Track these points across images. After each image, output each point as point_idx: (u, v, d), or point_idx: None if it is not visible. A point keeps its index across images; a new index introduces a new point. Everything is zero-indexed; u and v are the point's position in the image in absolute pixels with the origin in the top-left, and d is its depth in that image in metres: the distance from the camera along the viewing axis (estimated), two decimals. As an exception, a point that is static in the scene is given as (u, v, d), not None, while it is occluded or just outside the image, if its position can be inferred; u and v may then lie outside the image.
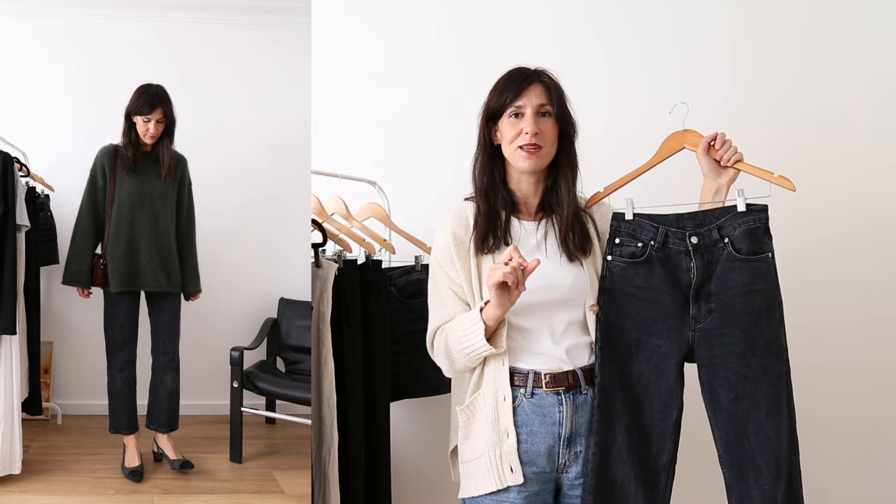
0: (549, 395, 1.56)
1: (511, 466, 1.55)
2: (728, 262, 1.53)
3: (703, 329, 1.55)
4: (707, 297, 1.55)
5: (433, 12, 2.60)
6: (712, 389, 1.55)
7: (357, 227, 2.26)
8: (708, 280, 1.55)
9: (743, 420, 1.53)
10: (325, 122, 2.57)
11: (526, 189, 1.65)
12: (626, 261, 1.59)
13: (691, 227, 1.57)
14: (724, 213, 1.56)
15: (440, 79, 2.56)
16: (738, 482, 1.54)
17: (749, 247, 1.53)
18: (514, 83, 1.60)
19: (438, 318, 1.62)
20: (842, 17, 2.55)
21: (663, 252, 1.57)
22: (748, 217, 1.54)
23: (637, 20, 2.57)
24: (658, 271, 1.57)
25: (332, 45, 2.60)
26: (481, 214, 1.61)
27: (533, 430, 1.56)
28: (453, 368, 1.61)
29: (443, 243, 1.63)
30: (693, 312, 1.56)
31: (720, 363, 1.54)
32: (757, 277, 1.53)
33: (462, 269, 1.60)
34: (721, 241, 1.54)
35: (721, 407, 1.54)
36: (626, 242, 1.59)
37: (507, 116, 1.60)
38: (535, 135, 1.56)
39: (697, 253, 1.55)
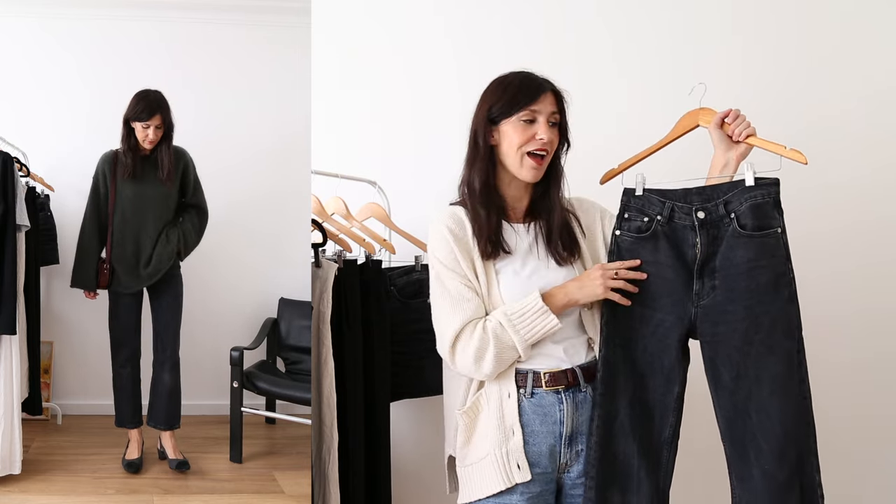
0: (549, 394, 1.56)
1: (518, 463, 1.54)
2: (733, 237, 1.51)
3: (707, 305, 1.53)
4: (711, 274, 1.53)
5: (432, 12, 2.60)
6: (714, 366, 1.54)
7: (357, 227, 2.26)
8: (713, 256, 1.53)
9: (745, 398, 1.51)
10: (325, 122, 2.57)
11: (515, 193, 1.65)
12: (633, 235, 1.58)
13: (698, 201, 1.54)
14: (732, 187, 1.53)
15: (440, 78, 2.56)
16: (739, 460, 1.53)
17: (755, 222, 1.49)
18: (530, 88, 1.58)
19: (460, 317, 1.55)
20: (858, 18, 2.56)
21: (669, 227, 1.56)
22: (756, 191, 1.50)
23: (648, 14, 2.57)
24: (663, 246, 1.56)
25: (332, 45, 2.60)
26: (484, 220, 1.59)
27: (534, 430, 1.56)
28: (499, 364, 1.54)
29: (443, 244, 1.59)
30: (697, 288, 1.54)
31: (722, 340, 1.52)
32: (763, 253, 1.49)
33: (467, 267, 1.58)
34: (727, 217, 1.52)
35: (723, 384, 1.53)
36: (634, 217, 1.59)
37: (517, 120, 1.57)
38: (548, 143, 1.56)
39: (703, 228, 1.53)
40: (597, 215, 1.70)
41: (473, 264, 1.59)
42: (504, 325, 1.52)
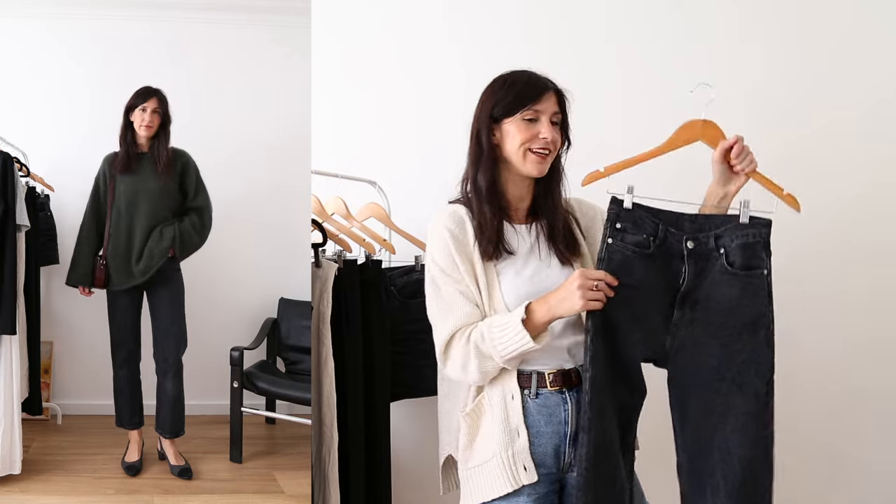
0: (554, 394, 1.56)
1: (525, 465, 1.53)
2: (720, 273, 1.49)
3: (683, 337, 1.51)
4: (693, 305, 1.51)
5: (433, 12, 2.59)
6: (683, 399, 1.52)
7: (357, 227, 2.26)
8: (696, 288, 1.51)
9: (709, 433, 1.50)
10: (325, 122, 2.57)
11: (517, 193, 1.64)
12: (630, 248, 1.52)
13: (690, 230, 1.52)
14: (724, 221, 1.50)
15: (441, 78, 2.56)
16: (694, 494, 1.52)
17: (743, 261, 1.48)
18: (533, 88, 1.58)
19: (450, 324, 1.55)
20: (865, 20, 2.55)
21: (660, 250, 1.52)
22: (749, 230, 1.48)
23: (655, 20, 2.56)
24: (654, 267, 1.52)
25: (332, 45, 2.60)
26: (486, 220, 1.58)
27: (540, 431, 1.55)
28: (483, 375, 1.54)
29: (441, 245, 1.58)
30: (676, 318, 1.52)
31: (693, 373, 1.50)
32: (746, 293, 1.48)
33: (465, 271, 1.57)
34: (716, 251, 1.50)
35: (690, 418, 1.51)
36: (630, 230, 1.52)
37: (520, 119, 1.57)
38: (551, 141, 1.56)
39: (691, 258, 1.51)
40: (597, 217, 1.69)
41: (473, 266, 1.58)
42: (485, 337, 1.51)
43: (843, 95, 2.52)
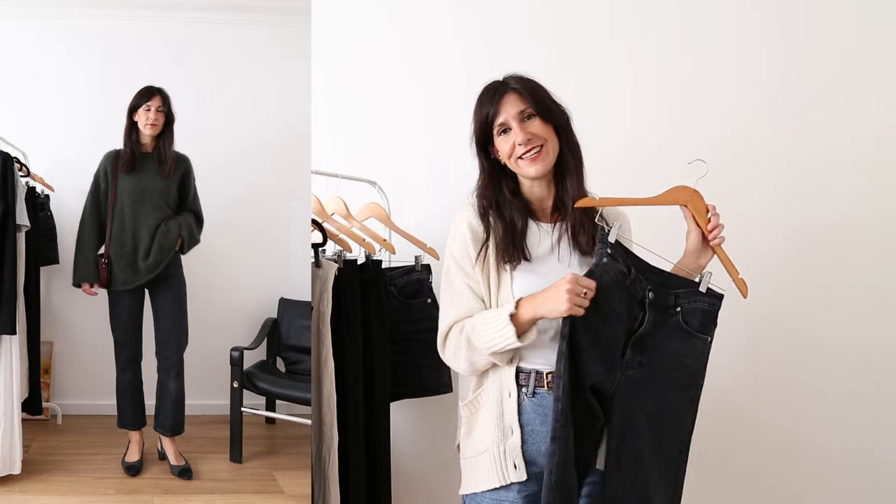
0: (551, 394, 1.56)
1: (514, 463, 1.55)
2: (675, 328, 1.55)
3: (631, 377, 1.54)
4: (643, 351, 1.54)
5: (433, 12, 2.59)
6: (620, 444, 1.53)
7: (357, 227, 2.26)
8: (650, 336, 1.55)
9: (631, 482, 1.55)
10: (325, 122, 2.57)
11: (539, 193, 1.65)
12: (614, 275, 1.52)
13: (654, 282, 1.55)
14: (685, 284, 1.57)
15: (441, 78, 2.55)
16: None
17: (698, 324, 1.56)
18: (488, 101, 1.60)
19: (453, 315, 1.60)
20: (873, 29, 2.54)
21: (630, 290, 1.54)
22: (707, 299, 1.57)
23: (663, 18, 2.54)
24: (626, 300, 1.53)
25: (332, 45, 2.60)
26: (500, 229, 1.60)
27: (534, 430, 1.56)
28: (471, 366, 1.58)
29: (459, 236, 1.62)
30: (628, 357, 1.54)
31: (630, 416, 1.54)
32: (690, 351, 1.57)
33: (479, 268, 1.59)
34: (673, 308, 1.56)
35: (622, 465, 1.54)
36: (617, 257, 1.53)
37: (496, 136, 1.60)
38: (527, 141, 1.56)
39: (651, 308, 1.55)
40: (627, 221, 1.68)
41: (487, 266, 1.60)
42: (476, 329, 1.54)
43: (848, 95, 2.51)
